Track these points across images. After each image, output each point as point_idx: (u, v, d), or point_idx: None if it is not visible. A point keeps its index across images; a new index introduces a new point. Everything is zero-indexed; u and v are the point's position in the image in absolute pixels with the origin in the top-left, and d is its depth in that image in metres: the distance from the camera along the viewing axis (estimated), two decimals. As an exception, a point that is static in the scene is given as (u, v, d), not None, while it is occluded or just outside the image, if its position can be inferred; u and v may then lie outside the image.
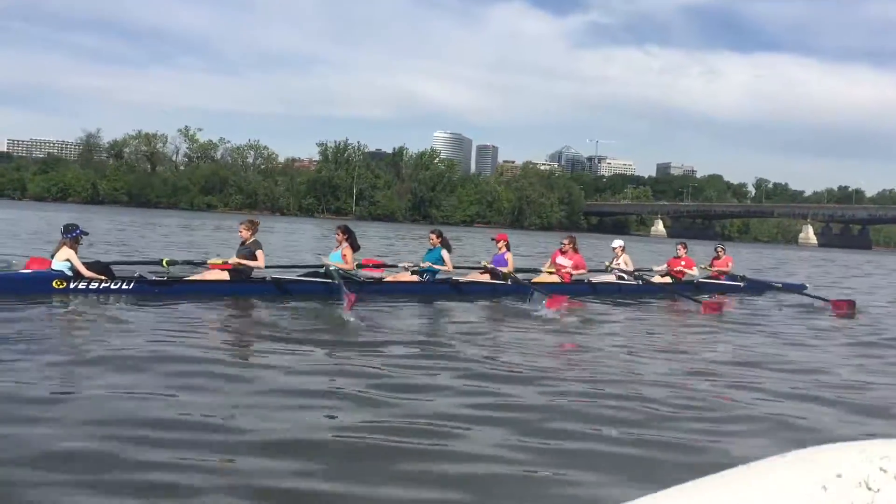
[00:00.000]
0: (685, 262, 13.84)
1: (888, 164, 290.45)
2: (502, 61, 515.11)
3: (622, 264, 12.98)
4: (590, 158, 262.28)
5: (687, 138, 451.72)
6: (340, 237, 10.33)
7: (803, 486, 1.10)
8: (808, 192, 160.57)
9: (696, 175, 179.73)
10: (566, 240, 12.25)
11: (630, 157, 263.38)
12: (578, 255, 12.15)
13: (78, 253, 8.61)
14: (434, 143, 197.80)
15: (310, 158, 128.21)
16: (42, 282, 8.29)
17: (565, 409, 4.67)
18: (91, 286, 8.48)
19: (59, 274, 8.38)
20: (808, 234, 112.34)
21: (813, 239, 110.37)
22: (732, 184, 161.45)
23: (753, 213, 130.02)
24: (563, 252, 12.06)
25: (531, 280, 11.51)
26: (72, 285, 8.40)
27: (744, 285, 14.17)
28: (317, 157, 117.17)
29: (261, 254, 9.43)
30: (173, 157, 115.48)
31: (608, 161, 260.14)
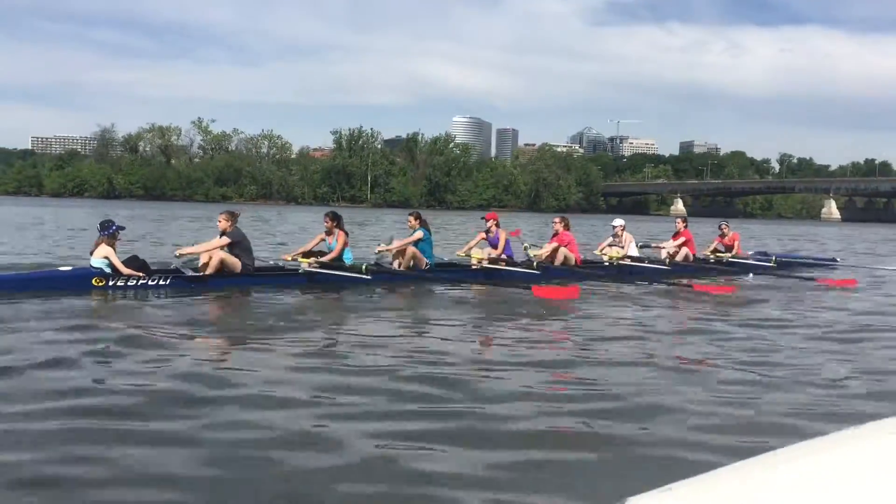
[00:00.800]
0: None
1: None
2: (521, 42, 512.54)
3: (626, 244, 12.96)
4: (611, 139, 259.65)
5: (711, 116, 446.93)
6: (329, 224, 10.16)
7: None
8: (833, 167, 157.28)
9: (719, 153, 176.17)
10: (557, 218, 12.39)
11: (652, 137, 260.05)
12: (569, 234, 12.09)
13: (116, 249, 8.74)
14: (453, 128, 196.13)
15: (322, 148, 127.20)
16: (82, 279, 8.44)
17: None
18: (129, 283, 8.62)
19: (98, 271, 8.55)
20: (831, 208, 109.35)
21: (836, 214, 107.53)
22: (756, 160, 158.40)
23: (774, 188, 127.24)
24: (556, 234, 12.10)
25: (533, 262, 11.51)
26: (110, 282, 8.54)
27: (774, 264, 13.74)
28: (332, 146, 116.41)
29: (224, 240, 9.32)
30: (189, 149, 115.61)
31: (630, 141, 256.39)
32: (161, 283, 8.81)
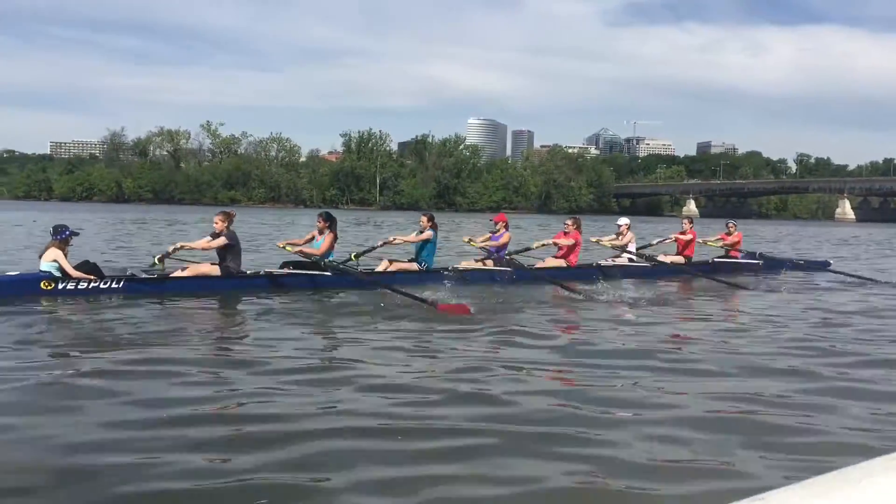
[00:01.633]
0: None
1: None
2: (537, 44, 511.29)
3: (624, 239, 13.10)
4: (627, 140, 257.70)
5: (728, 116, 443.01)
6: (322, 224, 10.15)
7: None
8: (851, 167, 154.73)
9: (736, 153, 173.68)
10: (569, 220, 12.54)
11: (669, 138, 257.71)
12: (579, 236, 12.35)
13: (67, 254, 8.54)
14: (468, 130, 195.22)
15: (336, 150, 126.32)
16: (29, 283, 8.24)
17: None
18: (80, 286, 8.42)
19: (47, 275, 8.35)
20: (845, 208, 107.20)
21: (850, 214, 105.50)
22: (772, 160, 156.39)
23: (788, 189, 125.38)
24: (566, 233, 12.29)
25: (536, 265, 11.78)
26: (60, 286, 8.34)
27: (761, 263, 14.02)
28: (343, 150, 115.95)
29: (221, 240, 9.31)
30: (199, 152, 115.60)
31: (647, 142, 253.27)
32: (114, 286, 8.65)
